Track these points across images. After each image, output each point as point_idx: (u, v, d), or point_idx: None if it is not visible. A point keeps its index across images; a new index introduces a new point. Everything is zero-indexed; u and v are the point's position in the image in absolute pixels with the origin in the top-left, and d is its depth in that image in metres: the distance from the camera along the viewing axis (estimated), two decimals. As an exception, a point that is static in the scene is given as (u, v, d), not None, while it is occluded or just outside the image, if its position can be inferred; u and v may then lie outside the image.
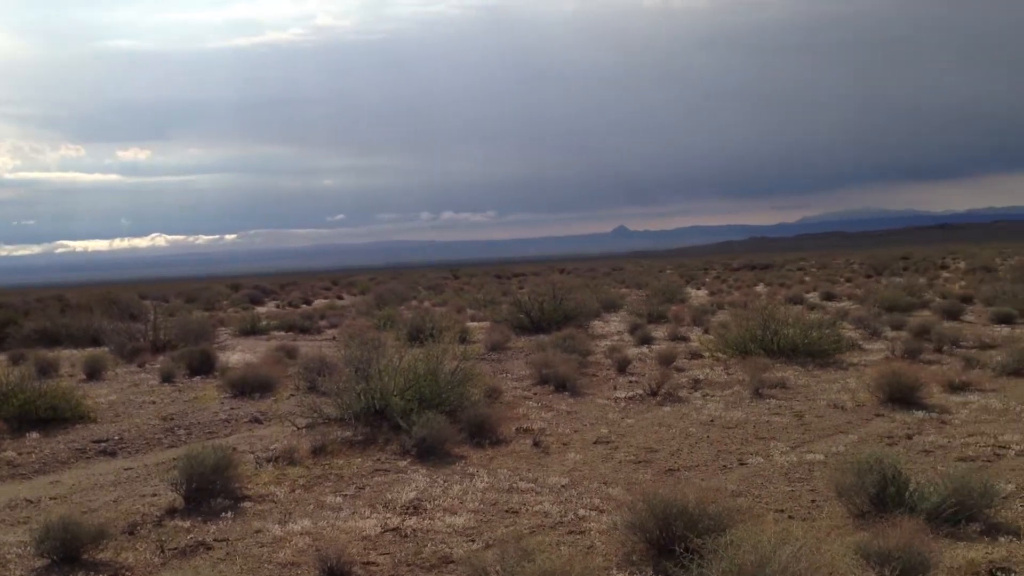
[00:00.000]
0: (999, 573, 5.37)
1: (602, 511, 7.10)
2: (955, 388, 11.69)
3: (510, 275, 66.54)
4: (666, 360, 15.12)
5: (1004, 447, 8.65)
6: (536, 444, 9.68)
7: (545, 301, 22.87)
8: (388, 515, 7.20)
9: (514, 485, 8.03)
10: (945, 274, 45.25)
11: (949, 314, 21.73)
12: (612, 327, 23.02)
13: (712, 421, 10.64)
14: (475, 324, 24.30)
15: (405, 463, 8.97)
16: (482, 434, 9.89)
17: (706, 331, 19.76)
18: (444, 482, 8.20)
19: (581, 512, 7.09)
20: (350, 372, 10.84)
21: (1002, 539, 5.97)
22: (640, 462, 8.82)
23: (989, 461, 8.17)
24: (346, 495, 7.91)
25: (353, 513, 7.31)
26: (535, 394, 12.90)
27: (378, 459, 9.19)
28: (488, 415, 10.19)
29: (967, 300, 25.56)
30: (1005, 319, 20.26)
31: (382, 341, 12.72)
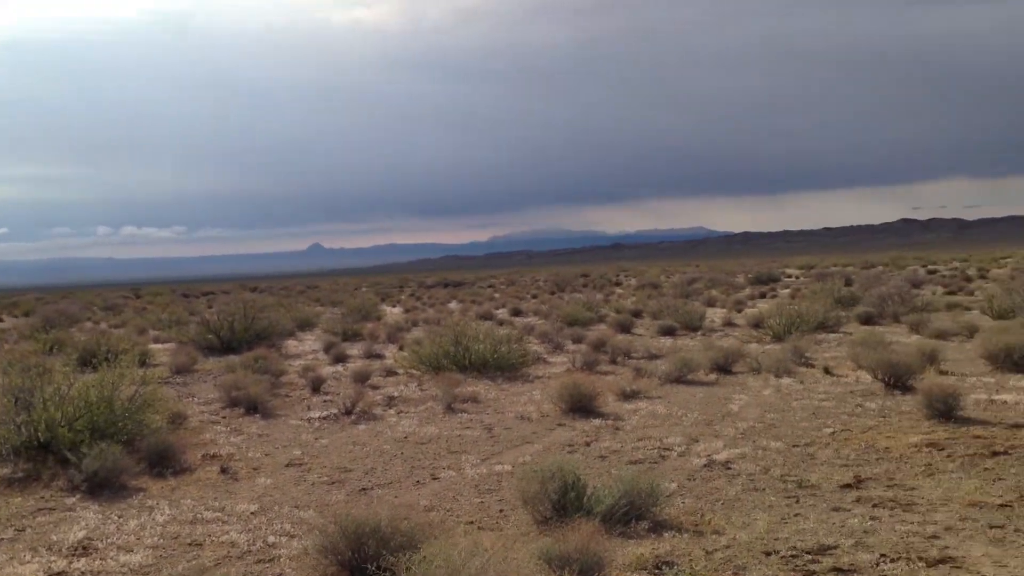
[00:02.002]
0: (664, 567, 5.84)
1: (293, 536, 6.90)
2: (627, 396, 12.67)
3: (199, 294, 63.38)
4: (361, 378, 15.07)
5: (668, 449, 9.48)
6: (224, 470, 9.23)
7: (236, 320, 21.98)
8: (53, 558, 6.52)
9: (198, 515, 7.59)
10: (619, 290, 49.07)
11: (622, 327, 23.56)
12: (307, 346, 22.60)
13: (406, 437, 10.74)
14: (159, 346, 22.85)
15: (74, 500, 8.19)
16: (164, 463, 9.26)
17: (401, 348, 19.96)
18: (119, 518, 7.58)
19: (271, 539, 6.84)
20: (8, 402, 9.72)
21: (667, 535, 6.51)
22: (334, 483, 8.69)
23: (655, 463, 8.91)
24: (2, 539, 7.08)
25: (11, 559, 6.55)
26: (224, 418, 12.34)
27: (42, 497, 8.32)
28: (171, 442, 9.57)
29: (637, 314, 27.92)
30: (668, 331, 22.34)
31: (48, 367, 11.55)
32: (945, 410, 10.07)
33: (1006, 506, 6.85)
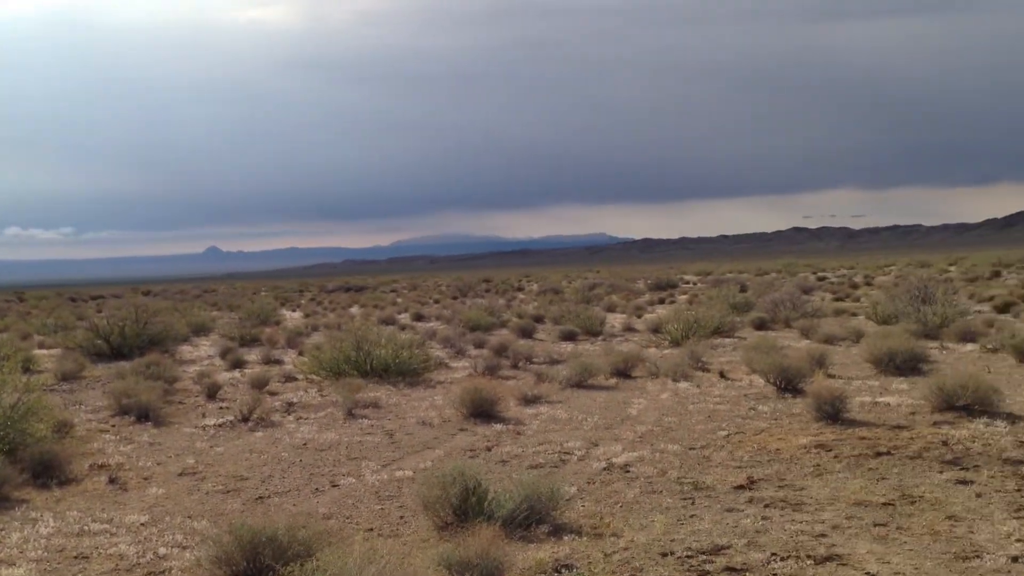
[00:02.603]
0: (563, 570, 5.89)
1: (185, 547, 6.70)
2: (528, 401, 12.74)
3: (87, 297, 61.07)
4: (259, 384, 14.76)
5: (568, 453, 9.57)
6: (112, 480, 8.91)
7: (127, 325, 21.26)
8: (-74, 576, 6.18)
9: (85, 527, 7.30)
10: (521, 296, 49.37)
11: (524, 332, 23.68)
12: (202, 351, 22.03)
13: (305, 444, 10.56)
14: (44, 352, 21.90)
15: (-50, 514, 7.79)
16: (49, 474, 8.88)
17: (300, 353, 19.63)
18: (1, 530, 7.24)
19: (162, 551, 6.63)
20: None
21: (566, 538, 6.57)
22: (229, 492, 8.48)
23: (556, 467, 8.99)
24: None
25: None
26: (114, 426, 11.91)
27: (-85, 512, 7.88)
28: (56, 452, 9.18)
29: (539, 319, 28.11)
30: (569, 336, 22.57)
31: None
32: (833, 412, 10.44)
33: (889, 504, 7.14)
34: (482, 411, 11.71)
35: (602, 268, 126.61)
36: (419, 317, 32.48)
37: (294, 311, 41.47)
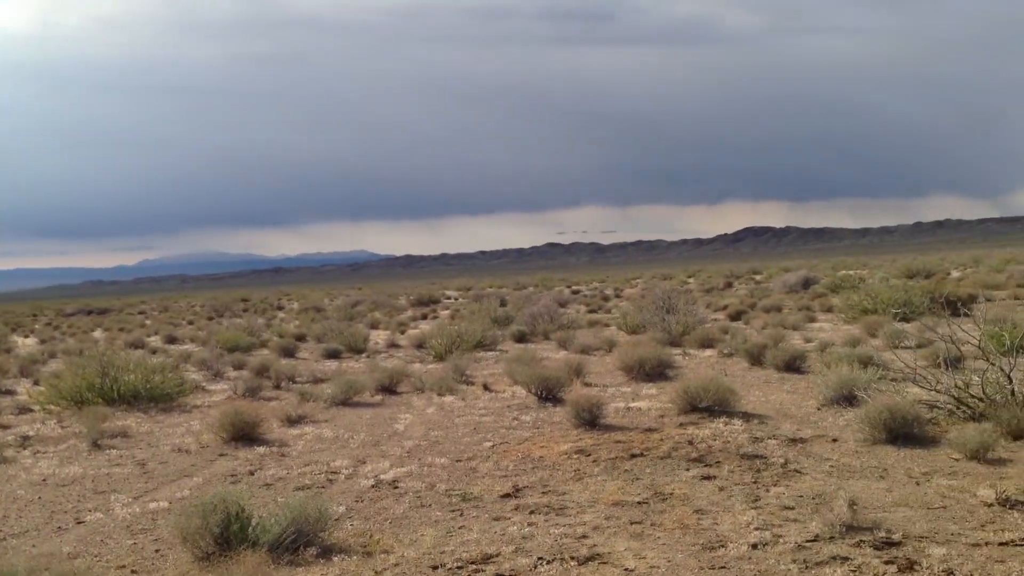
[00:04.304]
0: (334, 590, 5.78)
1: (-97, 604, 5.96)
2: (292, 421, 12.41)
3: None
4: (-13, 417, 13.42)
5: (336, 472, 9.41)
6: None
7: None
8: None
9: None
10: (281, 314, 48.06)
11: (286, 352, 23.08)
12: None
13: (44, 480, 9.71)
14: None
15: None
16: None
17: (36, 382, 18.04)
18: None
19: None
20: None
21: (336, 559, 6.45)
22: (-45, 538, 7.64)
23: (323, 487, 8.81)
24: None
25: None
26: None
27: None
28: None
29: (301, 338, 27.49)
30: (333, 354, 22.23)
31: None
32: (590, 419, 10.95)
33: (643, 503, 7.57)
34: (243, 434, 11.27)
35: (364, 285, 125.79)
36: (172, 339, 30.84)
37: (27, 337, 38.10)
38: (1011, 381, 9.80)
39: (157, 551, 6.98)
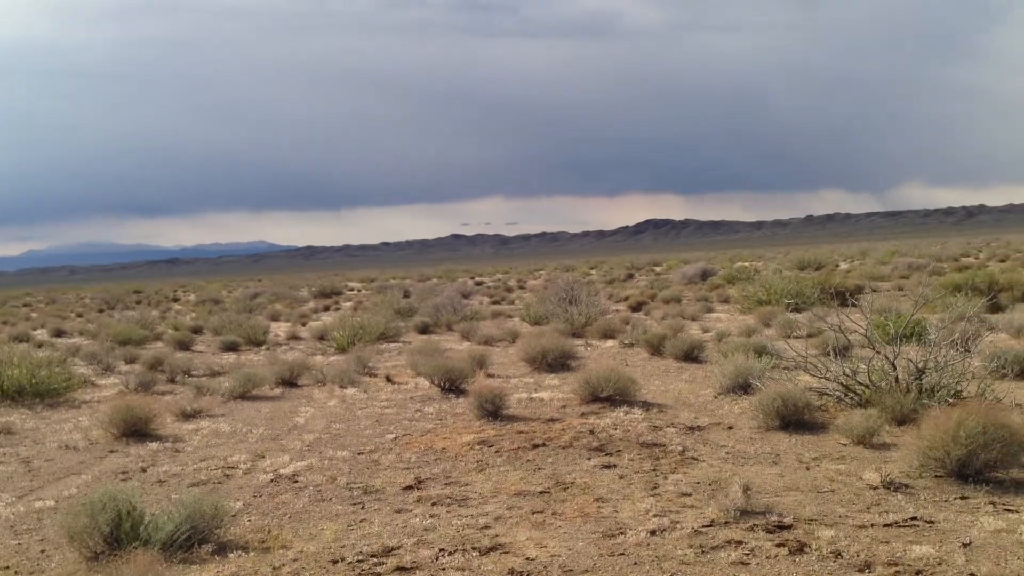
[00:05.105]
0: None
1: None
2: (188, 416, 12.08)
3: None
4: None
5: (233, 467, 9.20)
6: None
7: None
8: None
9: None
10: (177, 306, 46.71)
11: (181, 345, 22.42)
12: None
13: (-81, 481, 9.22)
14: None
15: None
16: None
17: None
18: None
19: None
20: None
21: (232, 555, 6.30)
22: None
23: (220, 483, 8.60)
24: None
25: None
26: None
27: None
28: None
29: (197, 331, 26.76)
30: (232, 347, 21.69)
31: None
32: (493, 409, 10.97)
33: (545, 492, 7.62)
34: (135, 430, 10.90)
35: (265, 276, 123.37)
36: (59, 333, 29.61)
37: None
38: (895, 368, 10.24)
39: (43, 551, 6.70)
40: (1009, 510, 6.57)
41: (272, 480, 8.55)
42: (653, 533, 6.36)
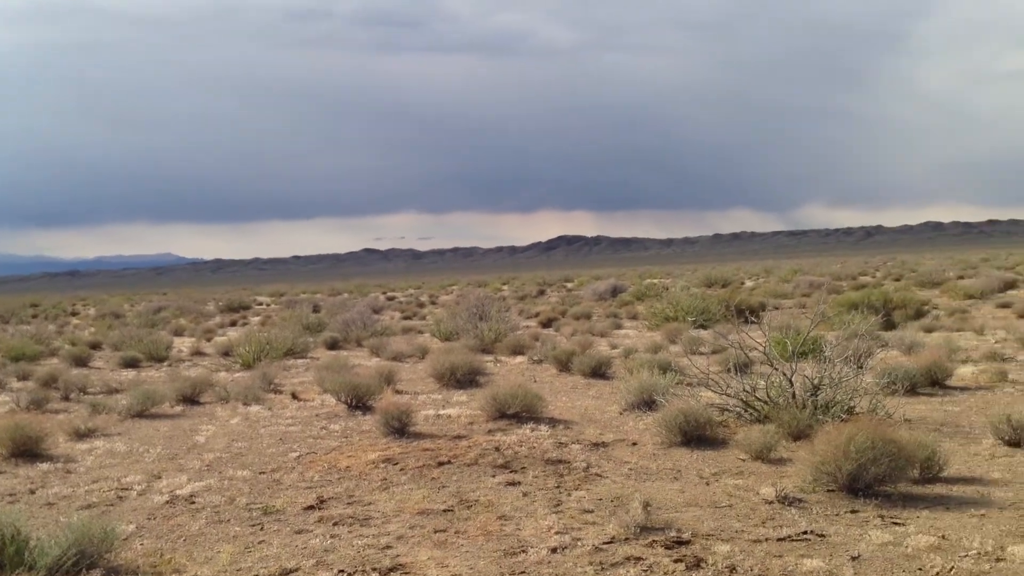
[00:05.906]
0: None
1: None
2: (81, 435, 11.66)
3: None
4: None
5: (127, 489, 8.91)
6: None
7: None
8: None
9: None
10: (76, 321, 45.18)
11: (78, 361, 21.65)
12: None
13: None
14: None
15: None
16: None
17: None
18: None
19: None
20: None
21: (122, 580, 6.11)
22: None
23: (112, 505, 8.32)
24: None
25: None
26: None
27: None
28: None
29: (96, 346, 25.88)
30: (132, 363, 21.04)
31: None
32: (399, 427, 10.89)
33: (448, 511, 7.59)
34: (24, 450, 10.46)
35: (170, 290, 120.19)
36: (-53, 347, 28.28)
37: None
38: (792, 385, 10.54)
39: (-83, 581, 6.37)
40: (896, 523, 6.82)
41: (168, 501, 8.31)
42: (554, 551, 6.39)
